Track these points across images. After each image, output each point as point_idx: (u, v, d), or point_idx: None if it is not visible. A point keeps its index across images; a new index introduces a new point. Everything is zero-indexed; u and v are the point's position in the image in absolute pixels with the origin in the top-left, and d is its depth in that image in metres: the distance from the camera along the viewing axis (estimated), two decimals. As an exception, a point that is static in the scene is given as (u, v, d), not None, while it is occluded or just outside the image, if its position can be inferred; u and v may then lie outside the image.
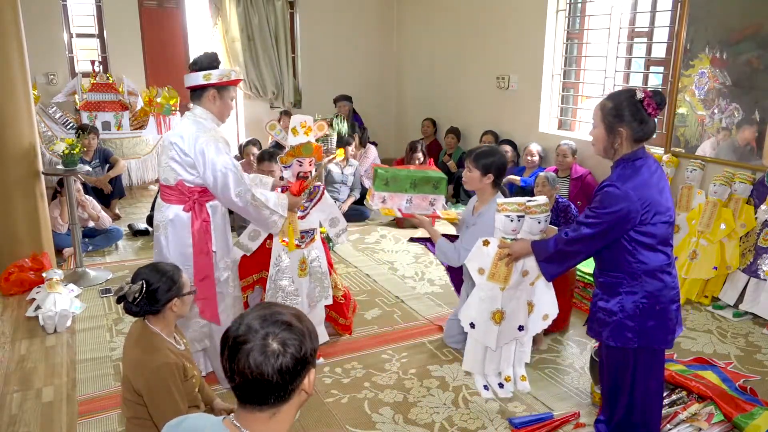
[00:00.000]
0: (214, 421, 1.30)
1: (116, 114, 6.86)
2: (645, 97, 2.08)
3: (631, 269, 2.14)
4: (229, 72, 2.81)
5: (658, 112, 2.09)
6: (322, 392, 2.97)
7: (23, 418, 2.78)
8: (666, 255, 2.16)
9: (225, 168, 2.68)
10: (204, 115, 2.81)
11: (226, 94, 2.83)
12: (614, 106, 2.12)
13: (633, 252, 2.12)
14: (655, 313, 2.15)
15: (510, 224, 2.69)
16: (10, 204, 4.15)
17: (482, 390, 2.94)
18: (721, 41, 4.25)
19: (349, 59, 8.03)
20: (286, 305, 1.33)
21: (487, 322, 2.83)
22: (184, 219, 2.77)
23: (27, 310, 3.81)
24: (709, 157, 4.41)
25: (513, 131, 6.21)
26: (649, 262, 2.12)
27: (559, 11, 5.70)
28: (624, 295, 2.17)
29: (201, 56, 2.81)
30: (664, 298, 2.16)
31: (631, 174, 2.09)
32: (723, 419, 2.66)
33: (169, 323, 2.21)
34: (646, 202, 2.06)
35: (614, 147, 2.14)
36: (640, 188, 2.06)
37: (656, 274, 2.14)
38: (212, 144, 2.69)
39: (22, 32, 4.08)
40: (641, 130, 2.10)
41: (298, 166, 3.03)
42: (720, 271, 4.02)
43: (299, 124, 3.02)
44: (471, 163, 3.03)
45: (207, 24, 7.48)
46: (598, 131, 2.18)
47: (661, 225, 2.10)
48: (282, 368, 1.20)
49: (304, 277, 3.11)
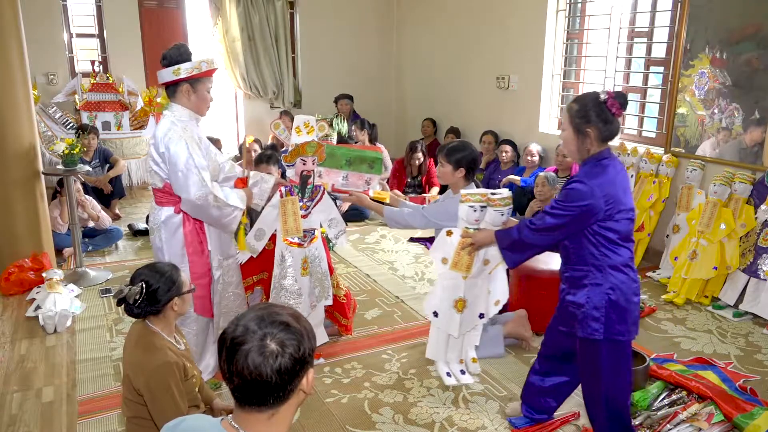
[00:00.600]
0: (213, 423, 1.30)
1: (116, 114, 6.86)
2: (608, 98, 2.19)
3: (597, 262, 2.22)
4: (199, 63, 2.70)
5: (621, 111, 2.19)
6: (322, 392, 2.97)
7: (23, 418, 2.78)
8: (629, 250, 2.25)
9: (186, 168, 2.60)
10: (180, 112, 2.75)
11: (200, 86, 2.74)
12: (580, 108, 2.23)
13: (597, 245, 2.20)
14: (619, 305, 2.23)
15: (473, 214, 2.76)
16: (10, 204, 4.15)
17: (445, 377, 2.99)
18: (721, 41, 4.25)
19: (349, 59, 8.03)
20: (283, 305, 1.33)
21: (450, 310, 2.90)
22: (176, 220, 2.77)
23: (27, 310, 3.81)
24: (709, 157, 4.41)
25: (513, 131, 6.21)
26: (612, 256, 2.21)
27: (559, 11, 5.70)
28: (590, 287, 2.24)
29: (170, 50, 2.73)
30: (628, 290, 2.24)
31: (598, 172, 2.18)
32: (723, 419, 2.66)
33: (170, 323, 2.21)
34: (610, 199, 2.15)
35: (585, 147, 2.23)
36: (605, 186, 2.15)
37: (620, 268, 2.22)
38: (178, 142, 2.62)
39: (22, 32, 4.08)
40: (607, 130, 2.20)
41: (302, 164, 3.05)
42: (720, 271, 4.02)
43: (302, 123, 3.04)
44: (443, 158, 3.09)
45: (207, 24, 7.48)
46: (567, 133, 2.28)
47: (624, 221, 2.19)
48: (281, 369, 1.20)
49: (306, 276, 3.11)
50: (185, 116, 2.76)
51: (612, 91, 2.21)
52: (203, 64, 2.71)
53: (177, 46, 2.74)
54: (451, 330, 2.93)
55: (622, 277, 2.22)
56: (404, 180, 6.39)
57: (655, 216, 4.71)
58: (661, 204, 4.67)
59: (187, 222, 2.77)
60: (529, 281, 3.60)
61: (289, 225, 3.02)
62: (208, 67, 2.74)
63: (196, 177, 2.62)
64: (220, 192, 2.73)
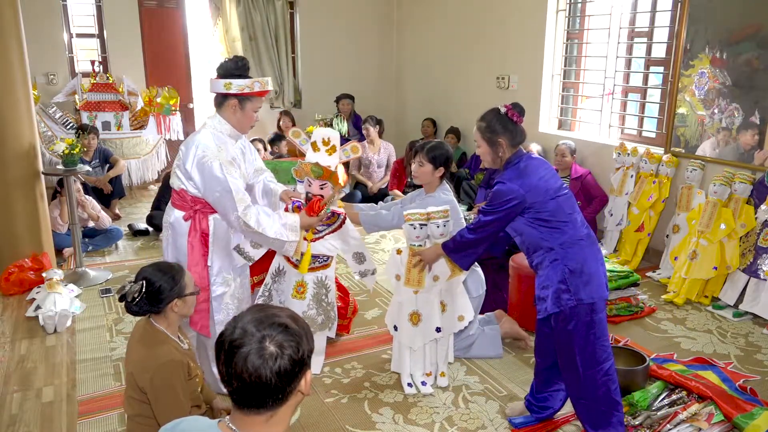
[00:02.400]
0: (210, 425, 1.29)
1: (116, 114, 6.86)
2: (507, 110, 2.49)
3: (546, 244, 2.44)
4: (253, 83, 2.63)
5: (521, 119, 2.49)
6: (322, 392, 2.97)
7: (23, 418, 2.78)
8: (572, 225, 2.42)
9: (223, 188, 2.56)
10: (221, 126, 2.70)
11: (248, 105, 2.68)
12: (487, 124, 2.50)
13: (540, 230, 2.44)
14: (580, 272, 2.39)
15: (413, 231, 2.86)
16: (10, 204, 4.15)
17: (406, 387, 3.01)
18: (721, 41, 4.25)
19: (349, 59, 8.03)
20: (281, 307, 1.32)
21: (406, 323, 2.94)
22: (183, 225, 2.73)
23: (27, 310, 3.81)
24: (709, 157, 4.41)
25: (513, 131, 6.20)
26: (557, 235, 2.42)
27: (559, 11, 5.70)
28: (550, 266, 2.44)
29: (227, 61, 2.66)
30: (584, 258, 2.41)
31: (516, 173, 2.44)
32: (723, 419, 2.66)
33: (172, 323, 2.20)
34: (530, 191, 2.40)
35: (499, 156, 2.50)
36: (524, 182, 2.41)
37: (570, 243, 2.41)
38: (213, 162, 2.57)
39: (22, 32, 4.08)
40: (515, 137, 2.48)
41: (307, 186, 2.82)
42: (720, 271, 4.02)
43: (321, 139, 2.77)
44: (424, 157, 3.09)
45: (207, 24, 7.48)
46: (483, 148, 2.54)
47: (551, 202, 2.41)
48: (280, 371, 1.19)
49: (300, 300, 2.93)
50: (226, 131, 2.71)
51: (509, 104, 2.50)
52: (256, 84, 2.64)
53: (235, 59, 2.67)
54: (410, 343, 2.98)
55: (574, 249, 2.41)
56: (404, 180, 6.39)
57: (655, 216, 4.71)
58: (661, 204, 4.67)
59: (193, 231, 2.71)
60: (529, 281, 3.59)
61: None
62: (260, 88, 2.67)
63: (230, 202, 2.57)
64: (253, 219, 2.59)
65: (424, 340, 2.98)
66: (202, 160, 2.58)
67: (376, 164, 6.50)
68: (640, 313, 3.87)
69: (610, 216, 5.00)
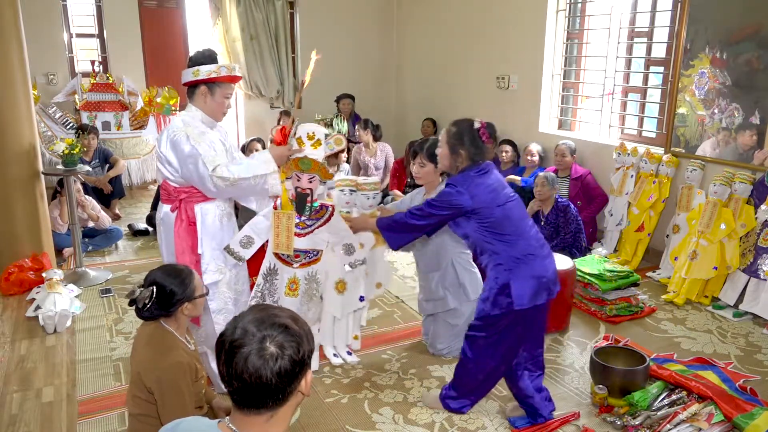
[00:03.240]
0: (210, 425, 1.29)
1: (116, 114, 6.86)
2: (481, 128, 2.56)
3: (492, 248, 2.56)
4: (219, 68, 2.67)
5: (490, 141, 2.58)
6: (322, 392, 2.97)
7: (23, 418, 2.78)
8: (523, 239, 2.55)
9: (192, 155, 2.59)
10: (193, 113, 2.74)
11: (218, 91, 2.71)
12: (457, 132, 2.58)
13: (486, 236, 2.56)
14: (521, 276, 2.51)
15: (343, 197, 3.05)
16: (10, 204, 4.15)
17: (332, 358, 3.10)
18: (721, 41, 4.25)
19: (349, 59, 8.02)
20: (281, 307, 1.32)
21: (332, 291, 3.00)
22: (172, 218, 2.77)
23: (27, 310, 3.81)
24: (709, 157, 4.41)
25: (513, 131, 6.20)
26: (505, 248, 2.54)
27: (559, 11, 5.70)
28: (494, 269, 2.57)
29: (196, 52, 2.75)
30: (534, 265, 2.54)
31: (466, 179, 2.56)
32: (723, 419, 2.66)
33: (181, 325, 2.20)
34: (476, 199, 2.52)
35: (456, 164, 2.61)
36: (470, 188, 2.53)
37: (516, 260, 2.53)
38: (181, 136, 2.62)
39: (22, 32, 4.08)
40: (477, 154, 2.57)
41: (296, 180, 2.80)
42: (720, 271, 4.02)
43: (306, 134, 2.78)
44: (426, 158, 3.09)
45: (207, 24, 7.48)
46: (443, 150, 2.64)
47: (497, 210, 2.53)
48: (281, 371, 1.19)
49: (293, 297, 2.89)
50: (197, 117, 2.74)
51: (485, 122, 2.58)
52: (222, 68, 2.69)
53: (203, 50, 2.74)
54: (335, 311, 3.06)
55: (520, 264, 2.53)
56: (404, 180, 6.38)
57: (655, 216, 4.71)
58: (661, 204, 4.67)
59: (179, 221, 2.74)
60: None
61: (280, 240, 2.83)
62: (227, 73, 2.71)
63: (202, 167, 2.59)
64: (226, 172, 2.61)
65: (349, 308, 3.07)
66: (173, 139, 2.64)
67: (374, 167, 6.47)
68: (640, 313, 3.86)
69: (610, 216, 5.00)
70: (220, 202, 2.84)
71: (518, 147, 5.94)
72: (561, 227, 4.55)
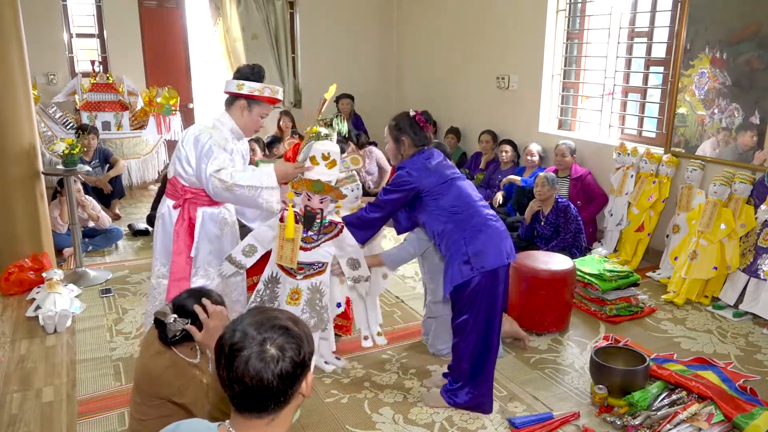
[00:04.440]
0: (209, 427, 1.28)
1: (116, 114, 6.86)
2: (416, 115, 2.85)
3: (445, 227, 2.71)
4: (263, 88, 2.71)
5: (428, 126, 2.86)
6: (322, 392, 2.97)
7: (23, 418, 2.78)
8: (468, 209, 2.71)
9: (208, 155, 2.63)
10: (225, 121, 2.77)
11: (256, 109, 2.76)
12: (396, 123, 2.87)
13: (439, 216, 2.73)
14: (480, 242, 2.66)
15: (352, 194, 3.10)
16: (10, 204, 4.15)
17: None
18: (721, 41, 4.25)
19: (349, 59, 8.02)
20: (280, 309, 1.32)
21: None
22: (173, 214, 2.79)
23: (27, 310, 3.81)
24: (709, 157, 4.41)
25: (513, 131, 6.20)
26: (455, 218, 2.70)
27: (559, 11, 5.70)
28: (452, 245, 2.69)
29: (245, 66, 2.78)
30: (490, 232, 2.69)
31: (413, 162, 2.78)
32: (723, 419, 2.66)
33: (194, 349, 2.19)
34: (424, 180, 2.73)
35: (401, 153, 2.87)
36: (418, 168, 2.75)
37: (466, 223, 2.69)
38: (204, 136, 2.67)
39: (22, 32, 4.08)
40: (418, 138, 2.83)
41: (307, 200, 2.73)
42: (720, 271, 4.02)
43: (321, 154, 2.69)
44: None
45: (207, 24, 7.48)
46: (389, 144, 2.92)
47: (450, 188, 2.73)
48: (282, 374, 1.18)
49: (294, 306, 2.82)
50: (228, 126, 2.77)
51: (418, 111, 2.87)
52: (266, 89, 2.74)
53: (252, 66, 2.78)
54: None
55: (469, 228, 2.68)
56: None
57: (655, 216, 4.71)
58: (661, 204, 4.67)
59: (181, 219, 2.77)
60: (528, 281, 3.60)
61: (284, 252, 2.75)
62: (270, 94, 2.75)
63: (210, 163, 2.63)
64: (227, 175, 2.62)
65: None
66: (197, 135, 2.70)
67: (365, 173, 6.43)
68: (640, 313, 3.87)
69: (610, 216, 5.00)
70: (223, 209, 2.85)
71: (518, 147, 5.94)
72: (561, 227, 4.55)
